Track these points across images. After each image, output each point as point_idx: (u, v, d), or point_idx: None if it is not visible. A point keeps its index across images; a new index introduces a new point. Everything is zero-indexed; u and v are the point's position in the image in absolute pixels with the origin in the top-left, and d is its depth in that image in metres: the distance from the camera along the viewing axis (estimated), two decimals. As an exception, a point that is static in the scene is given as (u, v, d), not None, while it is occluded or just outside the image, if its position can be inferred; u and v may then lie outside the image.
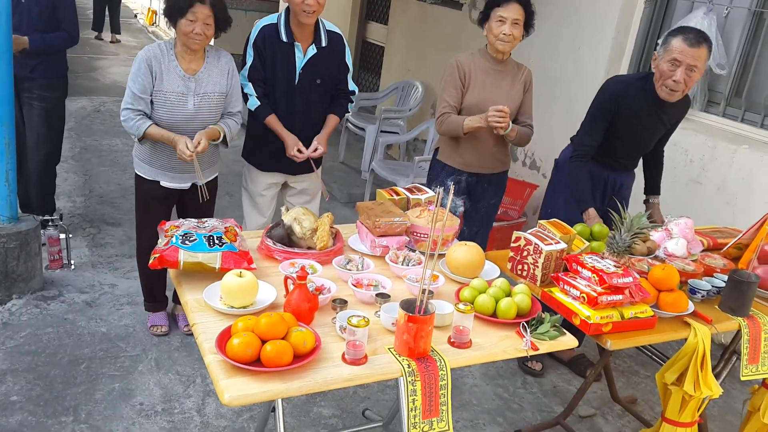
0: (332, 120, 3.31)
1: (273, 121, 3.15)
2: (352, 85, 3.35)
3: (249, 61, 3.11)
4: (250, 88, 3.13)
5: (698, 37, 2.73)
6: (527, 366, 3.37)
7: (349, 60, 3.29)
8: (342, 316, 1.92)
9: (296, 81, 3.14)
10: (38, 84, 3.87)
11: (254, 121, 3.26)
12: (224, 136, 3.04)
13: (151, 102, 2.90)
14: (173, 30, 2.89)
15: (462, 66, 3.13)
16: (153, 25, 14.72)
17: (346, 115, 6.29)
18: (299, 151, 3.14)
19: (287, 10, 3.12)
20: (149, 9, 15.22)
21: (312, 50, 3.13)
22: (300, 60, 3.12)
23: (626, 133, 3.01)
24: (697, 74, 2.77)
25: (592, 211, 2.96)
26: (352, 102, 3.37)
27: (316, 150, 3.18)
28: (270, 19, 3.17)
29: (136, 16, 16.67)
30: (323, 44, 3.15)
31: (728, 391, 3.33)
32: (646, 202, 3.28)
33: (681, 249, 2.58)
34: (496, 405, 3.09)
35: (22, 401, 2.73)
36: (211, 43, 3.00)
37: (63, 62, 4.04)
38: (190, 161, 2.86)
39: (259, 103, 3.13)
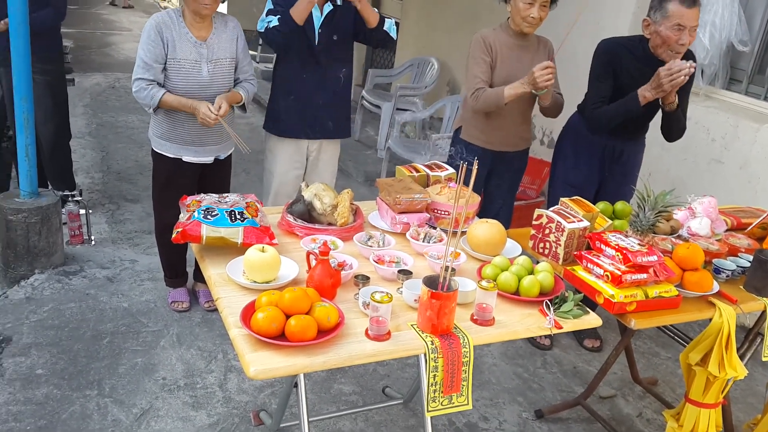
0: (370, 10, 3.13)
1: (293, 8, 2.97)
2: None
3: (268, 7, 3.06)
4: (270, 18, 3.01)
5: None
6: (537, 341, 3.39)
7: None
8: (365, 292, 1.92)
9: (316, 41, 3.12)
10: (38, 58, 3.80)
11: (276, 75, 3.21)
12: (243, 101, 3.03)
13: (164, 71, 2.89)
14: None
15: (487, 40, 3.09)
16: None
17: (363, 92, 6.26)
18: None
19: None
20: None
21: (328, 7, 3.12)
22: (317, 19, 3.11)
23: (621, 93, 3.00)
24: (695, 33, 2.83)
25: (642, 89, 2.86)
26: (392, 20, 3.24)
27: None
28: None
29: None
30: (339, 2, 3.13)
31: (751, 374, 3.31)
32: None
33: (705, 228, 2.55)
34: (515, 384, 3.10)
35: (47, 374, 2.77)
36: (224, 9, 2.98)
37: (59, 37, 4.05)
38: (215, 125, 2.85)
39: (278, 16, 2.99)
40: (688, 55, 3.02)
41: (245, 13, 9.15)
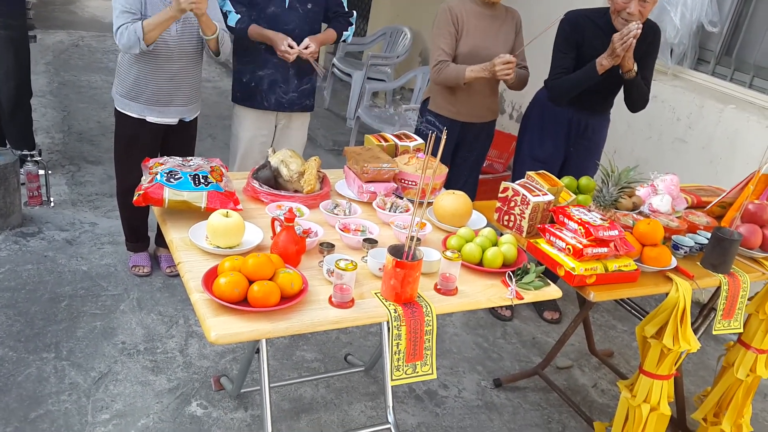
0: (329, 31, 3.24)
1: (255, 28, 3.07)
2: (348, 10, 3.28)
3: None
4: (228, 5, 3.05)
5: None
6: (497, 312, 3.44)
7: (344, 6, 3.23)
8: (329, 259, 1.92)
9: (287, 4, 3.06)
10: (1, 12, 3.72)
11: (240, 45, 3.19)
12: (217, 38, 2.91)
13: None
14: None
15: (454, 11, 3.07)
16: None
17: (334, 59, 6.18)
18: (290, 46, 3.04)
19: None
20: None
21: None
22: None
23: (587, 65, 3.00)
24: (650, 5, 2.85)
25: (600, 58, 2.90)
26: (351, 24, 3.29)
27: (307, 47, 3.08)
28: None
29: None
30: None
31: (703, 348, 3.42)
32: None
33: (666, 205, 2.60)
34: (475, 354, 3.15)
35: (2, 336, 2.72)
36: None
37: None
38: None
39: (239, 15, 3.05)
40: (653, 29, 3.06)
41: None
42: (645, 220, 2.30)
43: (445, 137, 1.82)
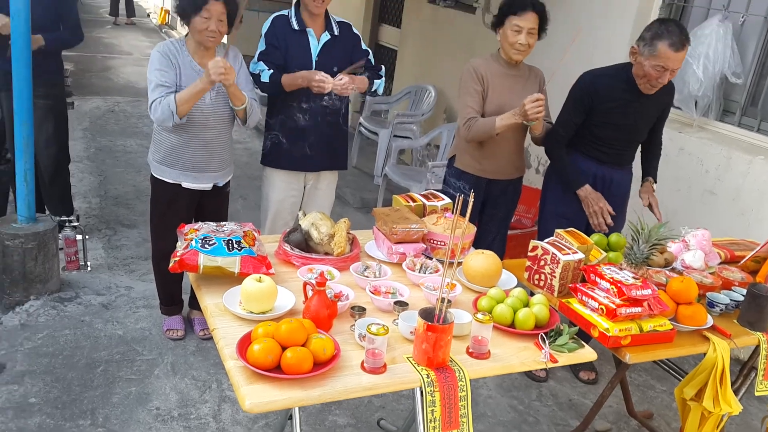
0: (363, 77, 3.20)
1: (287, 77, 3.08)
2: (376, 64, 3.34)
3: (260, 48, 3.14)
4: (261, 66, 3.11)
5: (682, 40, 2.83)
6: (532, 373, 3.38)
7: (365, 46, 3.31)
8: (361, 323, 1.93)
9: (312, 68, 3.16)
10: (43, 82, 3.86)
11: (270, 106, 3.27)
12: (245, 104, 3.00)
13: None
14: (185, 28, 2.92)
15: (478, 70, 3.13)
16: (165, 24, 14.81)
17: (361, 118, 6.30)
18: (322, 80, 3.00)
19: (297, 3, 3.18)
20: (162, 8, 15.32)
21: (326, 36, 3.17)
22: (315, 47, 3.15)
23: (607, 123, 3.09)
24: (676, 73, 2.94)
25: (587, 188, 3.11)
26: (381, 76, 3.32)
27: (341, 80, 3.04)
28: (281, 12, 3.23)
29: (149, 15, 16.76)
30: (335, 32, 3.18)
31: (746, 408, 3.30)
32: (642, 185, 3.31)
33: (698, 261, 2.57)
34: (511, 417, 3.09)
35: (40, 403, 2.76)
36: (223, 40, 3.02)
37: (61, 61, 4.09)
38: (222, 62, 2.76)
39: (271, 71, 3.08)
40: (669, 88, 3.13)
41: (243, 37, 9.26)
42: (678, 277, 2.28)
43: (473, 198, 1.84)
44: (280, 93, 3.13)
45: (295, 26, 3.12)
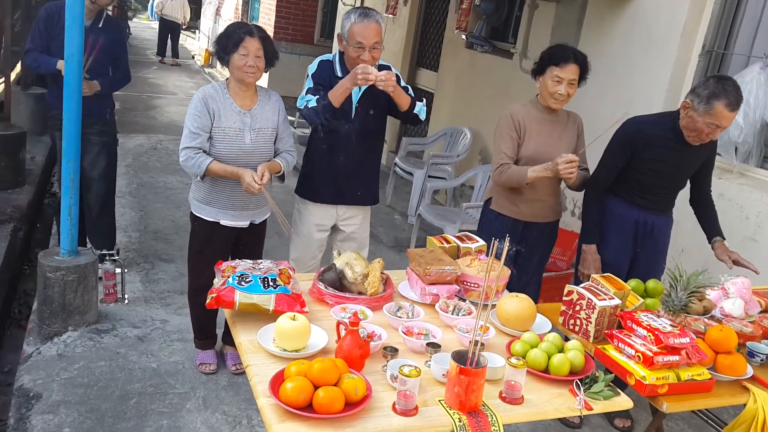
0: (403, 91, 3.17)
1: (333, 89, 3.05)
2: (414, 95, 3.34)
3: (308, 85, 3.19)
4: (309, 97, 3.11)
5: (738, 99, 2.84)
6: (566, 419, 3.31)
7: (403, 83, 3.34)
8: (393, 364, 1.93)
9: (353, 114, 3.21)
10: (97, 120, 4.08)
11: (308, 148, 3.33)
12: (282, 171, 3.12)
13: (209, 139, 3.00)
14: (227, 70, 3.02)
15: (516, 117, 3.16)
16: (209, 65, 15.26)
17: (396, 158, 6.36)
18: (366, 69, 2.92)
19: (341, 51, 3.23)
20: (206, 50, 15.81)
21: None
22: (355, 93, 3.19)
23: (650, 169, 3.07)
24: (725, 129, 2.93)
25: (593, 247, 3.17)
26: (422, 102, 3.28)
27: (383, 75, 2.95)
28: (327, 56, 3.30)
29: (193, 57, 17.30)
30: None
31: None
32: (712, 246, 3.27)
33: (738, 309, 2.52)
34: (543, 462, 3.03)
35: (74, 433, 2.80)
36: (265, 84, 3.10)
37: (113, 100, 4.26)
38: (259, 193, 2.92)
39: (316, 97, 3.08)
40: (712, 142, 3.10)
41: (284, 80, 9.49)
42: (717, 326, 2.24)
43: (507, 245, 1.84)
44: (329, 113, 3.09)
45: (339, 73, 3.18)
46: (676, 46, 4.24)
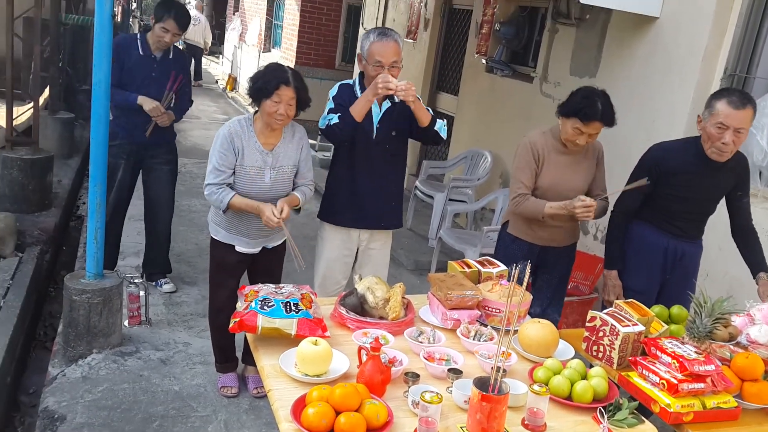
0: (425, 109, 3.21)
1: (354, 105, 3.10)
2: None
3: (329, 106, 3.22)
4: (331, 116, 3.15)
5: (743, 99, 2.81)
6: None
7: (425, 106, 3.36)
8: (415, 390, 1.93)
9: (374, 135, 3.24)
10: (165, 149, 4.32)
11: (331, 171, 3.37)
12: (299, 205, 3.16)
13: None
14: (252, 99, 3.06)
15: (535, 147, 3.16)
16: (233, 90, 15.49)
17: (417, 182, 6.39)
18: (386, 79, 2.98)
19: (361, 74, 3.28)
20: (230, 75, 16.06)
21: (387, 104, 3.24)
22: (376, 114, 3.23)
23: (676, 195, 3.05)
24: (744, 135, 2.86)
25: (614, 273, 3.17)
26: (443, 121, 3.31)
27: (403, 84, 2.98)
28: (347, 81, 3.35)
29: (217, 82, 17.57)
30: (396, 100, 3.24)
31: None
32: (756, 282, 3.14)
33: (765, 336, 2.48)
34: (565, 490, 2.97)
35: (97, 455, 2.82)
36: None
37: (173, 126, 4.41)
38: (278, 227, 2.95)
39: (338, 114, 3.13)
40: (740, 159, 3.07)
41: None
42: (743, 353, 2.21)
43: (529, 270, 1.84)
44: (352, 128, 3.14)
45: (359, 94, 3.23)
46: (698, 70, 4.23)
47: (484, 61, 6.53)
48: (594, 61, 4.97)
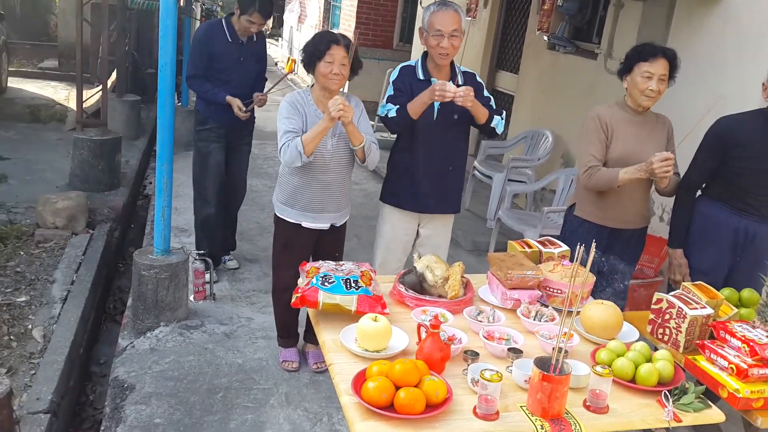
0: (483, 108, 3.18)
1: (411, 102, 3.12)
2: (496, 108, 3.33)
3: (388, 93, 3.25)
4: (389, 106, 3.19)
5: None
6: (651, 430, 3.18)
7: (487, 94, 3.33)
8: (474, 368, 1.93)
9: (435, 116, 3.22)
10: (248, 130, 4.48)
11: (392, 155, 3.37)
12: (363, 147, 3.07)
13: None
14: (310, 77, 3.09)
15: (603, 118, 3.08)
16: (292, 72, 15.65)
17: (475, 162, 6.33)
18: (443, 87, 2.98)
19: (424, 54, 3.26)
20: (289, 57, 16.22)
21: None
22: None
23: (746, 168, 2.93)
24: None
25: (678, 252, 3.10)
26: (502, 116, 3.28)
27: (461, 91, 2.98)
28: (409, 62, 3.34)
29: (276, 64, 17.77)
30: (460, 82, 3.22)
31: None
32: None
33: (844, 322, 2.36)
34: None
35: (164, 424, 2.93)
36: (345, 89, 3.16)
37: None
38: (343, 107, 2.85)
39: (397, 106, 3.15)
40: None
41: (363, 84, 9.60)
42: (820, 339, 2.11)
43: (593, 251, 1.81)
44: (408, 124, 3.16)
45: (421, 76, 3.22)
46: (773, 45, 4.03)
47: (545, 38, 6.38)
48: (661, 37, 4.79)
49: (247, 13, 4.06)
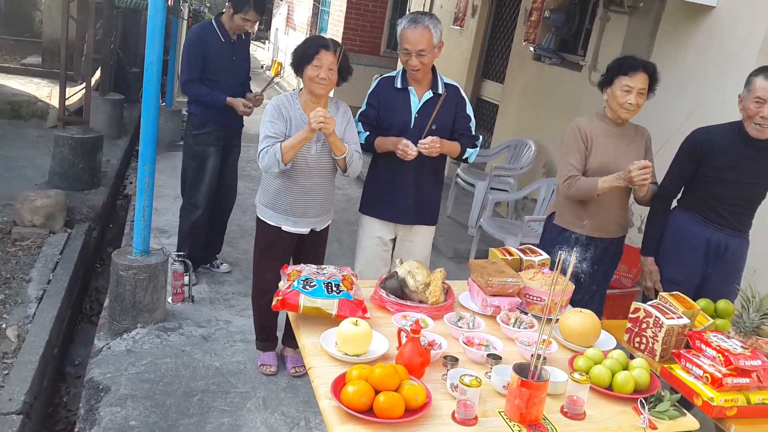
0: (455, 143, 3.25)
1: (380, 139, 3.21)
2: (475, 134, 3.38)
3: (361, 109, 3.30)
4: (360, 127, 3.27)
5: None
6: None
7: (470, 112, 3.35)
8: (453, 373, 1.93)
9: (411, 124, 3.24)
10: (239, 133, 4.45)
11: (372, 159, 3.39)
12: (345, 158, 3.08)
13: None
14: (297, 81, 3.08)
15: (582, 129, 3.12)
16: (278, 76, 15.62)
17: (458, 170, 6.35)
18: (406, 146, 3.08)
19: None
20: (275, 61, 16.19)
21: (428, 95, 3.24)
22: (415, 104, 3.23)
23: (719, 178, 2.98)
24: None
25: (650, 260, 3.14)
26: (476, 146, 3.34)
27: (425, 142, 3.07)
28: (390, 74, 3.36)
29: (263, 67, 17.73)
30: (439, 91, 3.24)
31: None
32: None
33: (816, 334, 2.41)
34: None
35: (140, 427, 2.90)
36: (331, 94, 3.17)
37: None
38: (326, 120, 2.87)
39: (367, 133, 3.24)
40: None
41: (350, 90, 9.60)
42: (793, 350, 2.15)
43: (575, 256, 1.82)
44: (374, 152, 3.29)
45: (398, 85, 3.24)
46: (754, 61, 4.09)
47: (532, 48, 6.44)
48: (646, 51, 4.86)
49: (242, 11, 4.03)
